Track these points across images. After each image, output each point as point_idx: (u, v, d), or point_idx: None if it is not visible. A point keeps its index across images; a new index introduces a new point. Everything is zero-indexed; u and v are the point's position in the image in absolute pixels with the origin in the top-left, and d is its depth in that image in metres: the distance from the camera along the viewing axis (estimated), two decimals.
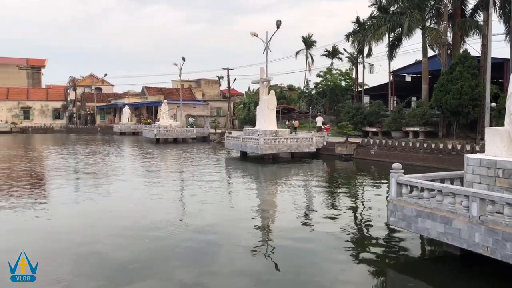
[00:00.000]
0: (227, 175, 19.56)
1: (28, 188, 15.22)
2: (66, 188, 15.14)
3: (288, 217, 10.73)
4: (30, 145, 39.32)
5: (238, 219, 10.63)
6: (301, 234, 9.29)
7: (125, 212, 11.44)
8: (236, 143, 26.66)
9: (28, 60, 79.08)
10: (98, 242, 8.56)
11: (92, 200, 12.88)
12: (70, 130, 64.75)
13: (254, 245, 8.38)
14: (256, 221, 10.66)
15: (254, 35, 35.40)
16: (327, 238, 8.94)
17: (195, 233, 9.17)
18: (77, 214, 11.19)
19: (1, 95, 68.84)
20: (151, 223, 9.96)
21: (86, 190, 14.69)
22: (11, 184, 15.86)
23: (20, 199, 12.93)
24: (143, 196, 13.67)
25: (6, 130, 59.99)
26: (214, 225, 9.96)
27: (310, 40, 53.85)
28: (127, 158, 27.45)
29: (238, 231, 9.40)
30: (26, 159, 25.76)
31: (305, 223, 10.31)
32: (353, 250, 8.29)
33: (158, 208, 11.75)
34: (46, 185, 16.34)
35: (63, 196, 13.61)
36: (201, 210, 11.44)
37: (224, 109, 63.88)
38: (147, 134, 44.88)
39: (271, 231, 9.76)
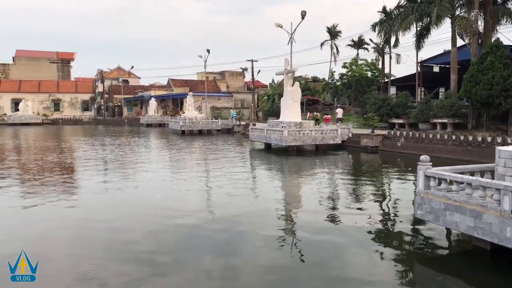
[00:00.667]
0: (251, 167, 19.68)
1: (60, 178, 15.76)
2: (96, 179, 15.57)
3: (313, 209, 10.74)
4: (61, 136, 40.49)
5: (263, 210, 10.71)
6: (327, 226, 9.30)
7: (152, 202, 11.68)
8: (260, 135, 26.73)
9: (58, 53, 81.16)
10: (125, 231, 8.79)
11: (120, 191, 13.23)
12: (98, 122, 66.24)
13: (279, 237, 8.45)
14: (281, 213, 10.72)
15: (279, 26, 35.24)
16: (353, 230, 8.92)
17: (220, 224, 9.31)
18: (105, 204, 11.53)
19: (33, 88, 70.97)
20: (177, 214, 10.14)
21: (115, 180, 15.09)
22: (44, 175, 16.43)
23: (52, 189, 13.40)
24: (169, 187, 13.95)
25: (38, 122, 61.88)
26: (239, 216, 10.08)
27: (335, 31, 53.19)
28: (154, 150, 27.95)
29: (263, 223, 9.48)
30: (58, 150, 26.58)
31: (331, 216, 10.29)
32: (379, 243, 8.25)
33: (184, 199, 11.99)
34: (77, 176, 16.85)
35: (92, 186, 13.99)
36: (226, 201, 11.59)
37: (248, 101, 63.97)
38: (173, 126, 45.48)
39: (296, 223, 9.79)
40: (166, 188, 13.70)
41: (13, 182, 14.89)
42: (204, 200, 12.22)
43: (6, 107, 67.08)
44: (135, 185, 14.37)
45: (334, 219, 10.00)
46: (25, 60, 78.07)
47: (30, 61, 78.24)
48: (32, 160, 21.47)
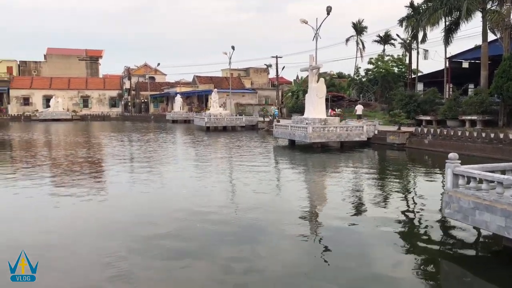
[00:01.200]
0: (275, 163, 19.73)
1: (89, 173, 16.25)
2: (123, 174, 15.94)
3: (337, 206, 10.69)
4: (90, 132, 41.56)
5: (287, 207, 10.72)
6: (351, 223, 9.22)
7: (178, 197, 11.86)
8: (285, 132, 26.73)
9: (87, 51, 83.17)
10: (151, 225, 8.95)
11: (147, 186, 13.45)
12: (126, 118, 67.58)
13: (303, 234, 8.46)
14: (305, 209, 10.72)
15: (304, 22, 35.03)
16: (378, 228, 8.84)
17: (244, 220, 9.39)
18: (132, 199, 11.76)
19: (63, 84, 73.03)
20: (203, 209, 10.28)
21: (142, 176, 15.37)
22: (74, 169, 16.94)
23: (81, 184, 13.80)
24: (195, 182, 14.13)
25: (68, 118, 63.66)
26: (263, 212, 10.12)
27: (361, 26, 52.52)
28: (180, 146, 28.36)
29: (287, 219, 9.47)
30: (88, 145, 27.33)
31: (355, 213, 10.23)
32: (405, 241, 8.17)
33: (209, 195, 12.12)
34: (105, 171, 17.28)
35: (120, 181, 14.33)
36: (250, 197, 11.67)
37: (273, 98, 63.94)
38: (198, 122, 45.98)
39: (321, 220, 9.78)
40: (192, 184, 13.89)
41: (45, 176, 15.41)
42: (229, 196, 12.35)
43: (38, 104, 69.26)
44: (161, 181, 14.65)
45: (359, 217, 9.94)
46: (56, 58, 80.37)
47: (60, 59, 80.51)
48: (63, 155, 22.15)
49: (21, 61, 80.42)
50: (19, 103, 69.25)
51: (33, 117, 62.98)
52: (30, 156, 22.01)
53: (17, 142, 31.03)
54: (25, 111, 67.09)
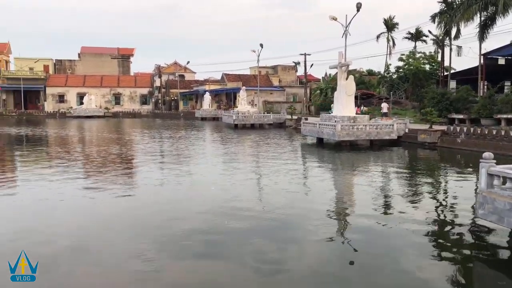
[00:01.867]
0: (303, 161, 19.71)
1: (120, 168, 16.71)
2: (153, 170, 16.25)
3: (366, 206, 10.56)
4: (121, 128, 42.60)
5: (315, 205, 10.69)
6: (380, 224, 9.09)
7: (207, 194, 11.99)
8: (313, 130, 26.63)
9: (119, 49, 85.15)
10: (179, 222, 9.08)
11: (177, 182, 13.71)
12: (156, 115, 68.83)
13: (332, 233, 8.42)
14: (334, 208, 10.68)
15: (333, 19, 34.75)
16: (408, 228, 8.68)
17: (272, 218, 9.40)
18: (161, 195, 11.94)
19: (96, 82, 75.09)
20: (231, 206, 10.36)
21: (171, 172, 15.65)
22: (106, 165, 17.46)
23: (113, 180, 14.17)
24: (224, 179, 14.24)
25: (100, 115, 65.40)
26: (291, 210, 10.13)
27: (391, 23, 51.53)
28: (209, 143, 28.73)
29: (315, 218, 9.45)
30: (120, 142, 28.08)
31: (384, 213, 10.09)
32: (436, 243, 8.01)
33: (237, 192, 12.19)
34: (136, 167, 17.66)
35: (150, 177, 14.54)
36: (278, 195, 11.69)
37: (301, 95, 63.66)
38: (226, 120, 46.36)
39: (349, 220, 9.70)
40: (221, 181, 14.02)
41: (78, 172, 15.97)
42: (257, 193, 12.42)
43: (72, 101, 71.51)
44: (190, 177, 14.87)
45: (388, 216, 9.79)
46: (89, 57, 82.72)
47: (93, 57, 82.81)
48: (96, 151, 22.85)
49: (57, 60, 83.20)
50: (54, 100, 71.68)
51: (68, 114, 65.05)
52: (65, 152, 22.81)
53: (53, 138, 32.21)
54: (60, 108, 69.36)
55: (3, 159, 21.18)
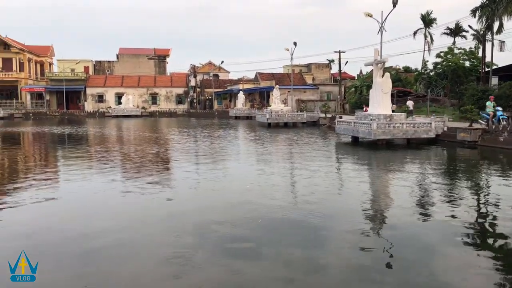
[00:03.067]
0: (338, 160, 19.63)
1: (157, 167, 17.23)
2: (189, 168, 16.55)
3: (403, 205, 10.44)
4: (158, 127, 43.66)
5: (350, 205, 10.68)
6: (417, 226, 8.94)
7: (242, 192, 12.11)
8: (347, 128, 26.42)
9: (155, 50, 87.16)
10: (213, 220, 9.21)
11: (212, 180, 13.91)
12: (191, 114, 70.01)
13: (365, 235, 8.34)
14: (368, 209, 10.60)
15: (368, 15, 34.26)
16: (446, 231, 8.50)
17: (306, 217, 9.41)
18: (197, 193, 12.17)
19: (133, 82, 77.22)
20: (265, 204, 10.45)
21: (207, 170, 15.92)
22: (144, 163, 18.04)
23: (149, 179, 14.61)
24: (258, 177, 14.37)
25: (138, 114, 67.23)
26: (326, 209, 10.13)
27: (429, 18, 50.25)
28: (243, 141, 29.05)
29: (351, 218, 9.43)
30: (156, 140, 28.87)
31: (422, 214, 9.88)
32: (477, 248, 7.76)
33: (272, 190, 12.26)
34: (172, 165, 18.15)
35: (186, 175, 14.86)
36: (312, 195, 11.68)
37: (335, 93, 63.06)
38: (260, 119, 46.63)
39: (384, 222, 9.56)
40: (255, 179, 14.16)
41: (118, 170, 16.60)
42: (291, 192, 12.48)
43: (111, 101, 73.89)
44: (225, 176, 15.04)
45: (426, 218, 9.58)
46: (127, 57, 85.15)
47: (131, 58, 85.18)
48: (134, 149, 23.58)
49: (96, 61, 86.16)
50: (94, 100, 74.28)
51: (107, 113, 67.26)
52: (105, 150, 23.72)
53: (94, 137, 33.49)
54: (99, 107, 71.83)
55: (48, 156, 22.27)
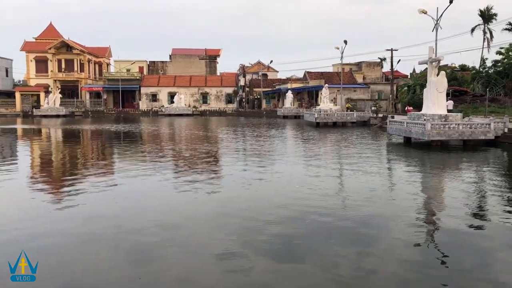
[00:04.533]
0: (389, 161, 19.22)
1: (206, 165, 17.70)
2: (237, 166, 16.82)
3: (458, 210, 10.08)
4: (208, 126, 44.67)
5: (401, 207, 10.47)
6: (471, 230, 8.66)
7: (291, 192, 12.08)
8: (399, 128, 25.76)
9: (206, 50, 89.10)
10: (262, 219, 9.25)
11: (260, 180, 13.98)
12: (240, 114, 70.96)
13: (418, 237, 8.17)
14: (422, 211, 10.35)
15: (423, 12, 33.20)
16: (503, 236, 8.15)
17: (355, 218, 9.31)
18: (244, 192, 12.27)
19: (185, 82, 79.42)
20: (312, 205, 10.41)
21: (254, 170, 16.01)
22: (193, 161, 18.59)
23: (200, 175, 15.02)
24: (307, 177, 14.39)
25: (189, 113, 69.11)
26: (376, 211, 9.97)
27: (489, 14, 47.74)
28: (291, 140, 29.13)
29: (401, 220, 9.24)
30: (207, 139, 29.61)
31: (477, 219, 9.52)
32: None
33: (321, 190, 12.21)
34: (223, 163, 18.48)
35: (234, 173, 15.10)
36: (362, 195, 11.58)
37: (386, 92, 61.47)
38: (308, 118, 46.42)
39: (436, 226, 9.26)
40: (304, 179, 14.21)
41: (170, 166, 17.23)
42: (340, 192, 12.41)
43: (164, 100, 76.44)
44: (273, 175, 15.08)
45: (481, 223, 9.22)
46: (179, 58, 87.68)
47: (183, 58, 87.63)
48: (184, 147, 24.38)
49: (150, 61, 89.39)
50: (148, 99, 77.15)
51: (160, 112, 69.69)
52: (158, 147, 24.69)
53: (149, 134, 34.92)
54: (153, 106, 74.53)
55: (106, 153, 23.54)
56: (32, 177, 15.69)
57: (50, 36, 79.16)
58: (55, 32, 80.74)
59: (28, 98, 71.30)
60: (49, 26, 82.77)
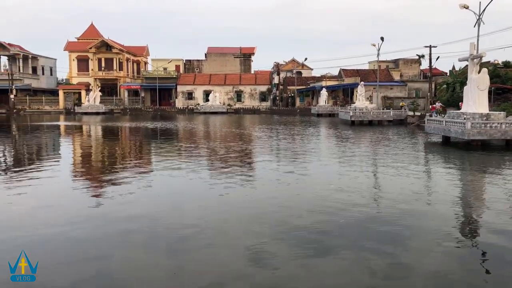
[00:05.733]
0: (426, 161, 18.80)
1: (242, 163, 17.85)
2: (272, 166, 16.79)
3: (501, 214, 9.74)
4: (242, 124, 44.97)
5: (439, 209, 10.21)
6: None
7: (324, 191, 11.97)
8: (438, 127, 25.11)
9: (241, 48, 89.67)
10: (296, 218, 9.24)
11: (294, 179, 13.88)
12: (273, 112, 71.04)
13: (458, 241, 8.01)
14: (460, 214, 10.09)
15: (464, 7, 32.09)
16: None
17: (392, 220, 9.16)
18: (278, 190, 12.26)
19: (220, 80, 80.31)
20: (347, 205, 10.33)
21: (287, 168, 15.95)
22: (227, 159, 18.82)
23: (232, 172, 15.19)
24: (341, 177, 14.29)
25: (223, 111, 69.88)
26: (413, 214, 9.75)
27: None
28: (325, 139, 28.97)
29: (439, 223, 9.05)
30: (241, 137, 29.91)
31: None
32: None
33: (355, 191, 12.05)
34: (256, 161, 18.56)
35: (267, 172, 15.15)
36: (398, 196, 11.38)
37: (424, 90, 59.87)
38: (343, 116, 45.95)
39: (479, 228, 9.04)
40: (338, 179, 14.16)
41: (205, 163, 17.53)
42: (375, 193, 12.29)
43: (199, 98, 77.60)
44: (307, 174, 15.03)
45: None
46: (215, 56, 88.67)
47: (218, 56, 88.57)
48: (220, 145, 24.67)
49: (186, 60, 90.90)
50: (184, 97, 78.55)
51: (195, 110, 70.87)
52: (194, 145, 25.17)
53: (185, 132, 35.66)
54: (188, 104, 75.85)
55: (143, 150, 24.26)
56: (73, 171, 16.45)
57: (91, 36, 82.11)
58: (95, 32, 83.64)
59: (70, 96, 74.33)
60: (90, 26, 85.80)
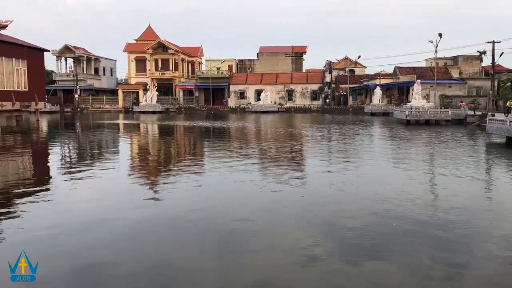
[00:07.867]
0: (487, 164, 18.04)
1: (292, 163, 18.00)
2: (324, 166, 16.65)
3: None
4: (293, 123, 45.07)
5: (499, 217, 9.79)
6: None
7: (379, 194, 11.75)
8: (501, 127, 23.92)
9: (292, 48, 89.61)
10: (348, 220, 9.20)
11: (348, 180, 13.73)
12: (325, 110, 70.42)
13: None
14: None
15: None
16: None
17: (448, 225, 8.91)
18: (329, 191, 12.16)
19: (271, 80, 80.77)
20: (403, 208, 10.13)
21: (342, 169, 15.78)
22: (276, 158, 19.01)
23: (283, 172, 15.23)
24: (397, 180, 14.02)
25: (275, 110, 70.28)
26: (469, 220, 9.36)
27: None
28: (381, 139, 28.48)
29: (497, 231, 8.69)
30: (293, 136, 30.12)
31: None
32: None
33: (411, 194, 11.79)
34: (307, 161, 18.68)
35: (322, 174, 14.95)
36: (454, 200, 11.03)
37: (486, 88, 56.88)
38: (398, 115, 44.78)
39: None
40: (394, 181, 13.94)
41: (255, 162, 17.82)
42: (432, 196, 12.05)
43: (250, 97, 78.52)
44: (362, 175, 14.83)
45: None
46: (266, 56, 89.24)
47: (270, 56, 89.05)
48: (271, 144, 25.00)
49: (239, 60, 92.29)
50: (236, 96, 79.82)
51: (247, 109, 71.84)
52: (245, 143, 25.70)
53: (237, 130, 36.42)
54: (240, 103, 76.98)
55: (196, 149, 25.15)
56: (131, 167, 17.50)
57: (148, 37, 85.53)
58: (153, 34, 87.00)
59: (129, 96, 78.01)
60: (147, 28, 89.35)
